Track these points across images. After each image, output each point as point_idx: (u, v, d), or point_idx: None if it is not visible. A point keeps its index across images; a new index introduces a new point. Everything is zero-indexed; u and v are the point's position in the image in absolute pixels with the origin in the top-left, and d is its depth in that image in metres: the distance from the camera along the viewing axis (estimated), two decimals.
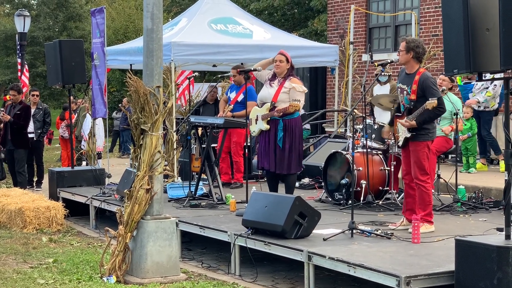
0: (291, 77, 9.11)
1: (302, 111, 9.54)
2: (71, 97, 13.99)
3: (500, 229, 7.04)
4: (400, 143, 7.87)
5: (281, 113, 8.92)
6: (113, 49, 14.06)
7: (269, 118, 9.03)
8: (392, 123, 8.14)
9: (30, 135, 13.79)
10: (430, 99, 7.47)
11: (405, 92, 7.75)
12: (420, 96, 7.60)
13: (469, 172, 12.29)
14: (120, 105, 20.63)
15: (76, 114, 16.35)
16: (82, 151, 14.21)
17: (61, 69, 11.89)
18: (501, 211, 8.38)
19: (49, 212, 10.39)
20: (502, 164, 12.52)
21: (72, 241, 9.60)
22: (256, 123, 9.24)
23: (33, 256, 8.54)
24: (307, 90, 9.34)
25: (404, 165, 7.92)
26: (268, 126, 9.04)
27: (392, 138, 8.62)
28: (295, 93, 8.98)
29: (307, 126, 14.22)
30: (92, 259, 8.20)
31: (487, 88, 12.62)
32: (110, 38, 27.53)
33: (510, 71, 5.94)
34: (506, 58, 5.66)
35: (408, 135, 7.68)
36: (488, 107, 12.69)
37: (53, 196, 11.63)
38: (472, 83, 13.23)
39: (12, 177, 13.43)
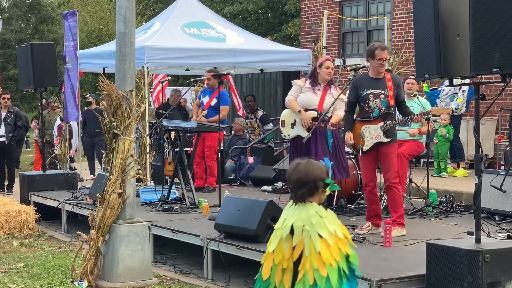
0: (333, 85, 8.95)
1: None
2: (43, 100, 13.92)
3: (470, 233, 7.12)
4: (367, 148, 7.79)
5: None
6: (85, 52, 14.00)
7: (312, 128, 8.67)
8: (350, 128, 7.98)
9: (1, 139, 13.68)
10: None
11: (382, 96, 7.76)
12: (395, 98, 7.73)
13: (441, 176, 12.39)
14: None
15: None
16: (54, 154, 14.12)
17: (33, 72, 11.81)
18: (471, 215, 8.45)
19: (20, 216, 10.31)
20: (460, 170, 12.65)
21: (43, 245, 9.53)
22: (292, 127, 8.94)
23: (3, 261, 8.46)
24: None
25: (368, 171, 7.85)
26: (309, 134, 8.54)
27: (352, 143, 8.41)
28: (340, 104, 8.69)
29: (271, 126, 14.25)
30: (64, 264, 8.14)
31: (455, 93, 12.73)
32: (83, 41, 27.43)
33: (480, 76, 6.02)
34: (476, 64, 5.72)
35: (386, 140, 7.72)
36: (456, 112, 12.81)
37: (24, 200, 11.54)
38: (438, 89, 13.35)
39: None
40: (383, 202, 8.76)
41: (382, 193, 8.83)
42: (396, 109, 8.04)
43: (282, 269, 4.01)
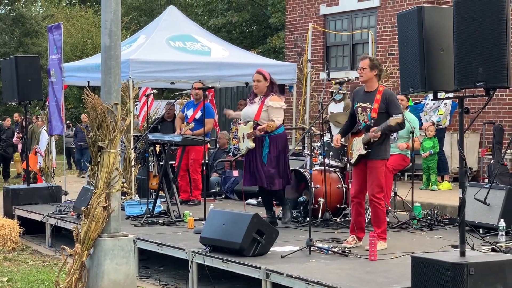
0: (271, 95, 9.01)
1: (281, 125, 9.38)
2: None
3: (455, 246, 7.14)
4: (353, 161, 7.90)
5: (263, 132, 8.82)
6: (70, 65, 13.97)
7: (253, 136, 8.95)
8: (341, 132, 8.18)
9: None
10: (394, 115, 7.62)
11: (368, 110, 7.81)
12: (382, 112, 7.71)
13: (432, 190, 12.43)
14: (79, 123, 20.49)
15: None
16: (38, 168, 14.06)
17: (17, 86, 11.77)
18: (456, 228, 8.48)
19: (3, 230, 10.24)
20: (444, 184, 12.71)
21: (27, 259, 9.47)
22: (243, 141, 9.15)
23: None
24: (285, 106, 9.18)
25: (357, 183, 7.93)
26: (253, 144, 8.93)
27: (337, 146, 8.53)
28: (272, 111, 8.90)
29: None
30: (48, 278, 8.09)
31: (438, 107, 12.81)
32: (67, 54, 27.38)
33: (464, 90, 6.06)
34: (460, 78, 5.76)
35: (364, 152, 7.75)
36: (440, 125, 12.87)
37: (8, 214, 11.46)
38: (422, 103, 13.42)
39: None
40: (368, 215, 8.77)
41: (367, 207, 8.84)
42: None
43: None
